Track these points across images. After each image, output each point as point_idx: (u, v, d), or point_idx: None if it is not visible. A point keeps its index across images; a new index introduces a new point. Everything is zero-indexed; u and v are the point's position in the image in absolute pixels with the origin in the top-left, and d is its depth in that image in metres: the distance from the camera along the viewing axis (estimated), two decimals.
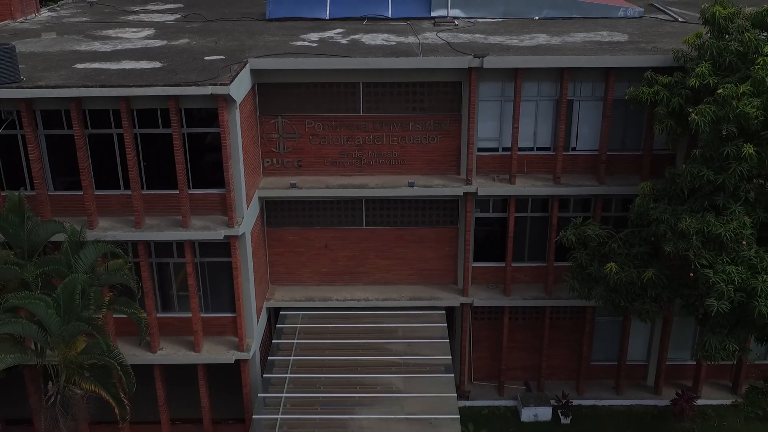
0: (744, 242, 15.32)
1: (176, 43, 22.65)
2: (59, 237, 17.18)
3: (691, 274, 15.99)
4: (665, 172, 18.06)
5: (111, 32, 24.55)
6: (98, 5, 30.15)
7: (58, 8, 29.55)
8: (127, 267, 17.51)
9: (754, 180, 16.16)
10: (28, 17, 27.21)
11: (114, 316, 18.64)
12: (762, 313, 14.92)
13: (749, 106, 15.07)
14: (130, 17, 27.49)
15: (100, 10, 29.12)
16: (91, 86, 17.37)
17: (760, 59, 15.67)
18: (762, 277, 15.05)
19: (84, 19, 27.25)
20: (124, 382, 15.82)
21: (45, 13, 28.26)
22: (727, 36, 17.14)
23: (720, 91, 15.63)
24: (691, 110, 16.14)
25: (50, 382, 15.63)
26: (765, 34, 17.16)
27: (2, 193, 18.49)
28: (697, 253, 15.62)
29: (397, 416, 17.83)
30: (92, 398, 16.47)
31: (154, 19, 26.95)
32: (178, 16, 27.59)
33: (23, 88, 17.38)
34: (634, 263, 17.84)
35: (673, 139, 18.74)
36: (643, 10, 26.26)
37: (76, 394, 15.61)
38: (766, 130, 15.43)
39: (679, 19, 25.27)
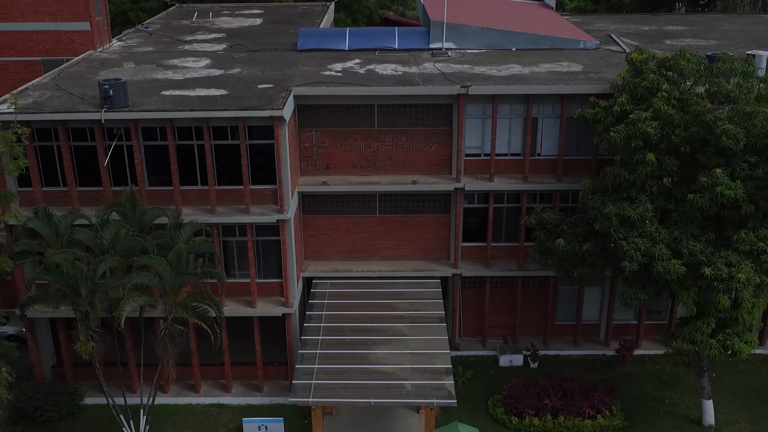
0: (647, 222, 22.18)
1: (231, 72, 29.52)
2: (160, 220, 24.01)
3: (612, 245, 22.87)
4: (600, 173, 24.94)
5: (176, 61, 31.41)
6: (156, 35, 37.01)
7: (124, 38, 36.37)
8: (210, 242, 24.32)
9: (656, 179, 22.99)
10: (104, 47, 34.07)
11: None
12: (659, 271, 21.74)
13: (650, 127, 21.93)
14: (186, 47, 34.35)
15: (159, 40, 35.97)
16: (183, 110, 24.26)
17: (659, 93, 22.54)
18: (659, 246, 21.90)
19: (150, 48, 34.11)
20: (217, 317, 22.66)
21: (116, 44, 35.11)
22: (642, 75, 23.96)
23: (631, 116, 22.50)
24: (612, 129, 23.01)
25: (161, 321, 22.50)
26: (671, 72, 23.99)
27: (112, 189, 25.31)
28: (616, 230, 22.49)
29: (403, 351, 24.66)
30: (183, 336, 23.33)
31: (207, 49, 33.81)
32: (224, 45, 34.45)
33: (133, 111, 24.25)
34: (578, 239, 24.71)
35: (608, 148, 25.56)
36: (599, 42, 33.15)
37: (178, 329, 22.48)
38: (663, 143, 22.27)
39: (627, 50, 32.05)
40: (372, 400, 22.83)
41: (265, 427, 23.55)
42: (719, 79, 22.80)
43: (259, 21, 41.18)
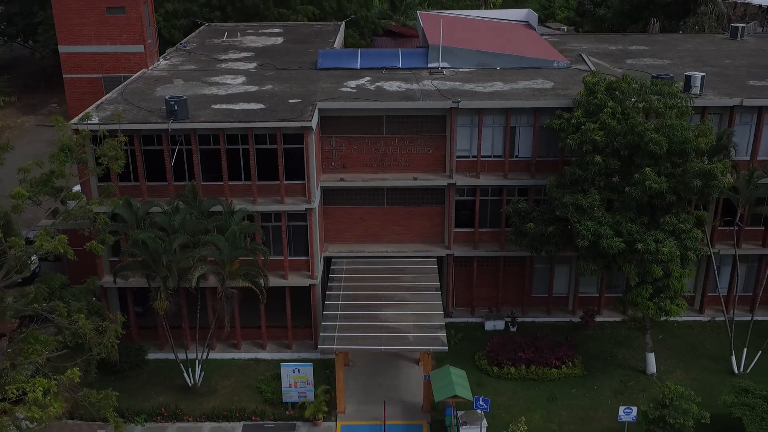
0: (596, 209, 28.96)
1: (264, 88, 36.30)
2: (216, 208, 30.74)
3: (570, 227, 29.67)
4: (562, 171, 31.70)
5: (217, 79, 38.20)
6: (194, 54, 43.78)
7: (168, 57, 43.13)
8: (255, 225, 31.05)
9: (602, 175, 29.73)
10: (155, 65, 40.86)
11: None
12: (604, 247, 28.50)
13: (597, 135, 28.73)
14: (223, 65, 41.14)
15: (198, 59, 42.74)
16: (233, 121, 31.06)
17: (605, 109, 29.34)
18: (604, 227, 28.67)
19: (192, 66, 40.89)
20: (264, 282, 29.40)
21: (163, 62, 41.89)
22: (594, 94, 30.71)
23: (583, 127, 29.30)
24: (568, 137, 29.81)
25: (219, 285, 29.30)
26: (617, 92, 30.72)
27: (174, 184, 32.05)
28: (572, 215, 29.28)
29: (406, 312, 31.41)
30: (234, 298, 30.09)
31: (240, 67, 40.59)
32: (255, 64, 41.24)
33: (193, 122, 31.04)
34: (545, 224, 31.48)
35: (569, 151, 32.26)
36: (570, 62, 39.93)
37: (232, 292, 29.28)
38: (608, 148, 29.05)
39: (593, 69, 38.77)
40: (382, 347, 29.70)
41: (298, 369, 30.28)
42: (651, 98, 29.56)
43: (280, 40, 47.97)
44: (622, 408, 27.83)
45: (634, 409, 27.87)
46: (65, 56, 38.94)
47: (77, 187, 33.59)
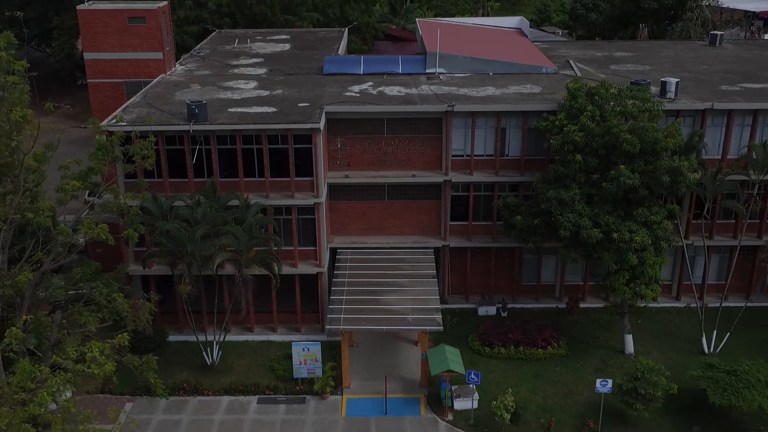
0: (576, 202, 32.27)
1: (275, 93, 39.60)
2: (233, 202, 34.03)
3: (553, 219, 32.98)
4: (546, 169, 34.99)
5: (231, 83, 41.50)
6: (208, 60, 47.08)
7: (184, 63, 46.42)
8: (268, 218, 34.35)
9: (582, 172, 33.03)
10: (172, 71, 44.17)
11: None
12: (584, 237, 31.79)
13: (577, 136, 32.04)
14: (235, 71, 44.44)
15: (212, 64, 46.05)
16: (248, 124, 34.37)
17: (585, 112, 32.67)
18: (584, 219, 31.98)
19: (207, 72, 44.20)
20: (277, 268, 32.71)
21: (179, 68, 45.19)
22: (576, 99, 34.03)
23: (565, 128, 32.62)
24: (552, 138, 33.13)
25: (237, 271, 32.61)
26: (597, 97, 34.02)
27: (194, 180, 35.33)
28: (555, 209, 32.59)
29: (406, 297, 34.74)
30: (250, 282, 33.38)
31: (251, 73, 43.88)
32: (265, 69, 44.54)
33: (213, 124, 34.34)
34: (531, 217, 34.79)
35: (554, 150, 35.56)
36: (557, 68, 43.23)
37: (248, 278, 32.60)
38: (587, 148, 32.36)
39: (579, 74, 42.07)
40: (384, 327, 33.03)
41: (308, 348, 33.62)
42: (626, 102, 32.88)
43: (287, 46, 51.29)
44: (598, 381, 31.13)
45: (610, 381, 31.17)
46: (90, 63, 42.29)
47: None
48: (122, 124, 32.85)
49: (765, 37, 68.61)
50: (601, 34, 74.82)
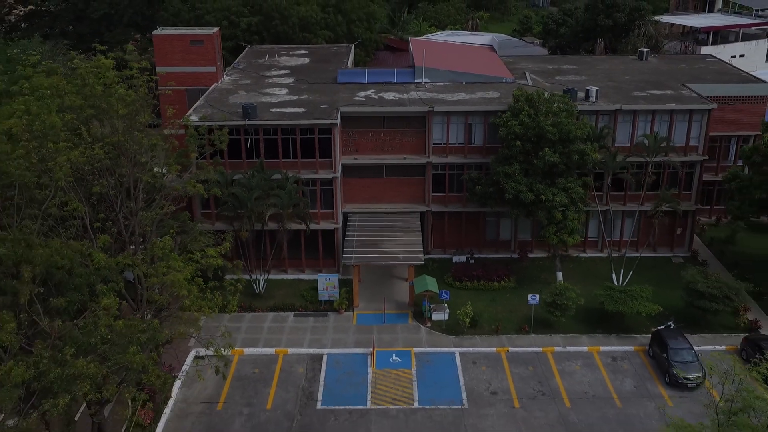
0: (516, 175, 47.00)
1: (302, 97, 54.41)
2: (276, 176, 48.79)
3: (501, 187, 47.81)
4: (499, 152, 49.77)
5: (268, 90, 56.30)
6: (247, 71, 61.87)
7: (229, 74, 61.17)
8: (300, 187, 49.18)
9: (522, 154, 47.78)
10: (221, 81, 58.98)
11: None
12: (521, 199, 46.52)
13: (516, 128, 46.86)
14: (270, 80, 59.25)
15: (250, 75, 60.84)
16: (286, 120, 49.22)
17: (524, 112, 47.43)
18: (522, 187, 46.72)
19: (248, 81, 59.02)
20: (309, 220, 47.52)
21: (227, 78, 60.00)
22: (518, 102, 48.78)
23: (509, 123, 47.44)
24: (500, 130, 47.98)
25: (280, 224, 47.38)
26: (533, 101, 48.72)
27: (246, 160, 50.04)
28: (502, 179, 47.40)
29: (399, 244, 49.54)
30: (289, 232, 48.16)
31: (282, 82, 58.70)
32: (292, 79, 59.34)
33: (261, 121, 49.17)
34: (488, 186, 49.57)
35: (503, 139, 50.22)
36: (514, 78, 57.99)
37: (287, 228, 47.43)
38: (525, 137, 47.12)
39: (530, 83, 56.78)
40: (382, 262, 47.93)
41: (329, 278, 48.36)
42: (552, 105, 47.63)
43: (307, 60, 66.14)
44: (530, 296, 45.92)
45: (538, 296, 45.96)
46: (161, 75, 57.03)
47: None
48: (206, 121, 47.65)
49: (702, 51, 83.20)
50: (568, 46, 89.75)
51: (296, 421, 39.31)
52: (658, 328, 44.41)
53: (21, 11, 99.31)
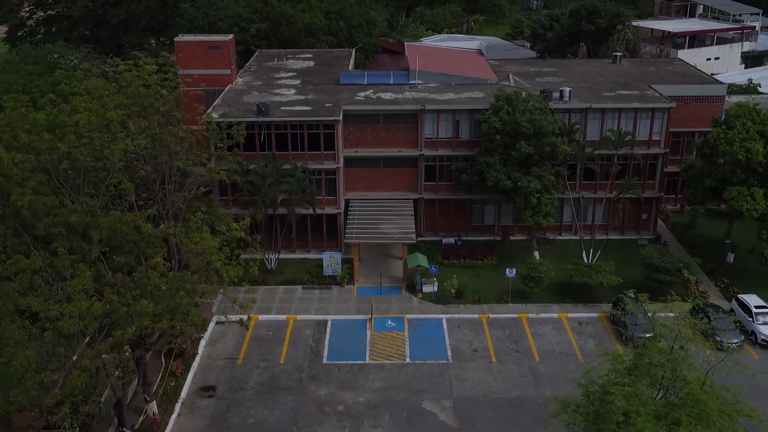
0: (497, 164, 54.27)
1: (308, 97, 61.70)
2: (286, 166, 56.08)
3: (485, 176, 55.07)
4: (482, 145, 57.05)
5: (277, 91, 63.59)
6: (258, 73, 69.13)
7: (242, 76, 68.45)
8: (308, 176, 56.49)
9: (502, 146, 55.00)
10: (236, 82, 66.25)
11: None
12: (501, 186, 53.81)
13: (497, 124, 54.14)
14: (279, 81, 66.55)
15: (261, 77, 68.10)
16: (295, 117, 56.54)
17: (503, 109, 54.74)
18: (501, 176, 53.99)
19: (259, 82, 66.30)
20: (315, 203, 54.87)
21: (240, 80, 67.27)
22: (499, 101, 56.04)
23: (490, 120, 54.71)
24: (482, 125, 55.26)
25: (289, 208, 54.65)
26: (511, 100, 55.95)
27: (260, 153, 57.36)
28: (484, 169, 54.68)
29: (394, 226, 56.82)
30: (297, 215, 55.50)
31: (290, 83, 65.98)
32: (299, 81, 66.62)
33: (273, 118, 56.47)
34: (472, 175, 56.84)
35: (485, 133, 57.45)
36: (498, 80, 65.25)
37: (296, 211, 54.72)
38: (504, 131, 54.36)
39: (512, 84, 64.00)
40: (379, 241, 55.22)
41: (332, 255, 55.66)
42: (527, 103, 54.88)
43: (312, 63, 73.43)
44: (507, 269, 53.21)
45: (515, 269, 53.25)
46: (183, 76, 64.26)
47: None
48: (219, 117, 54.99)
49: (679, 54, 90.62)
50: (554, 49, 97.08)
51: (305, 372, 46.58)
52: (618, 296, 51.70)
53: (40, 16, 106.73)
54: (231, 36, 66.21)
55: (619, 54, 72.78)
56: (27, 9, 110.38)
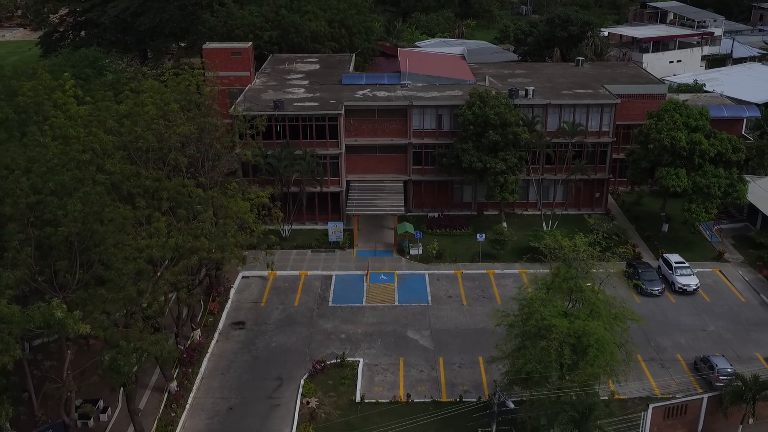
0: (470, 150, 67.73)
1: (316, 95, 75.18)
2: (298, 152, 69.54)
3: (459, 160, 68.59)
4: (459, 134, 70.51)
5: (289, 90, 77.10)
6: (272, 75, 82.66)
7: (258, 77, 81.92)
8: (316, 159, 69.98)
9: (474, 135, 68.44)
10: (254, 83, 79.75)
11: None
12: (474, 168, 67.27)
13: (470, 116, 67.61)
14: (290, 82, 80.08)
15: (275, 78, 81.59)
16: (305, 111, 70.08)
17: (475, 105, 68.22)
18: (474, 158, 67.39)
19: (274, 83, 79.80)
20: (323, 181, 68.41)
21: (257, 81, 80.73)
22: (473, 99, 69.49)
23: (465, 113, 68.20)
24: (459, 118, 68.79)
25: (301, 186, 68.17)
26: (483, 97, 69.42)
27: (276, 141, 70.86)
28: (460, 153, 68.14)
29: (386, 202, 70.29)
30: (307, 191, 69.06)
31: (300, 83, 79.51)
32: (307, 81, 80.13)
33: (287, 112, 70.00)
34: (451, 159, 70.33)
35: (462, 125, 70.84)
36: (476, 80, 78.72)
37: (306, 189, 68.28)
38: (476, 123, 67.78)
39: (487, 85, 77.39)
40: (374, 212, 68.88)
41: (336, 225, 69.17)
42: (496, 100, 68.28)
43: (318, 66, 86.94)
44: (478, 234, 66.71)
45: (484, 234, 66.72)
46: (220, 78, 77.72)
47: None
48: (244, 111, 68.56)
49: (644, 58, 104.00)
50: (534, 53, 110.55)
51: (315, 312, 60.04)
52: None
53: (70, 22, 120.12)
54: (250, 43, 79.81)
55: (581, 58, 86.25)
56: (58, 16, 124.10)
